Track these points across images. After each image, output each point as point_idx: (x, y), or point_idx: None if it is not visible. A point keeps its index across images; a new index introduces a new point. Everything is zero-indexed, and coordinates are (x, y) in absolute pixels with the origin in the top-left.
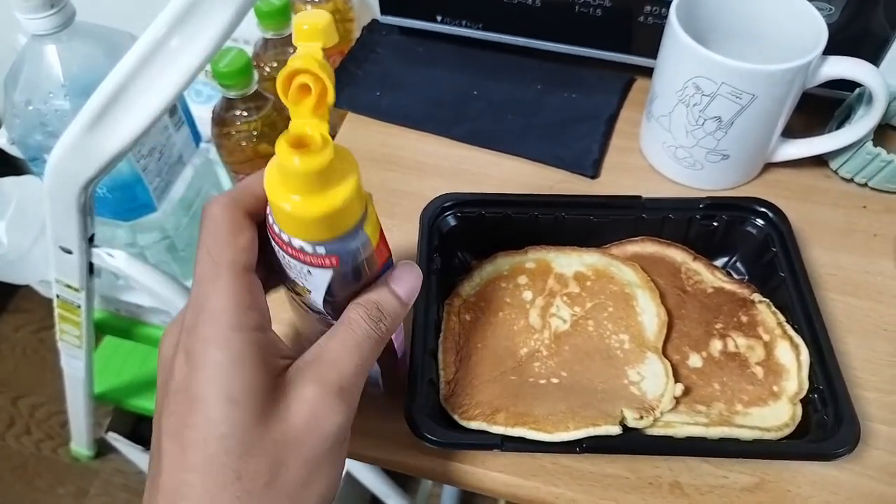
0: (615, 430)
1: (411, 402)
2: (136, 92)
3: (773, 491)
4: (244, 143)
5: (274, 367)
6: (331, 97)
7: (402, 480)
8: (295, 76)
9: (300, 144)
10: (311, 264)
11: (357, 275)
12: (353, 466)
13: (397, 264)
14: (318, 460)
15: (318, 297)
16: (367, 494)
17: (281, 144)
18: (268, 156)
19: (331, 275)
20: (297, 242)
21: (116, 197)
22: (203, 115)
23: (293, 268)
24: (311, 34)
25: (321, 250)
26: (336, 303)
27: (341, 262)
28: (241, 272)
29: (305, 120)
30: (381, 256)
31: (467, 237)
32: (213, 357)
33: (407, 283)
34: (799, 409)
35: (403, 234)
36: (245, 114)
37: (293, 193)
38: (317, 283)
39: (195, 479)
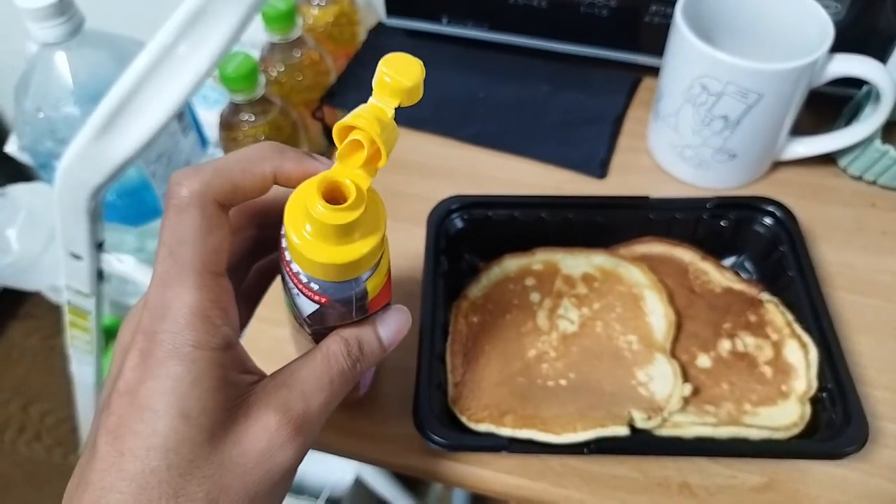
0: (623, 431)
1: (419, 404)
2: (144, 99)
3: (782, 491)
4: None
5: (236, 387)
6: (383, 161)
7: (412, 484)
8: (351, 130)
9: (334, 194)
10: (301, 292)
11: (344, 315)
12: (363, 471)
13: (390, 308)
14: (262, 493)
15: (300, 317)
16: (376, 499)
17: (311, 187)
18: None
19: (317, 307)
20: (295, 267)
21: (125, 203)
22: (210, 119)
23: (286, 280)
24: (393, 91)
25: (314, 286)
26: (315, 329)
27: (331, 302)
28: (211, 280)
29: (349, 170)
30: (378, 303)
31: (474, 239)
32: (171, 370)
33: (393, 328)
34: (808, 409)
35: (410, 236)
36: (252, 118)
37: (308, 229)
38: (302, 307)
39: (127, 489)
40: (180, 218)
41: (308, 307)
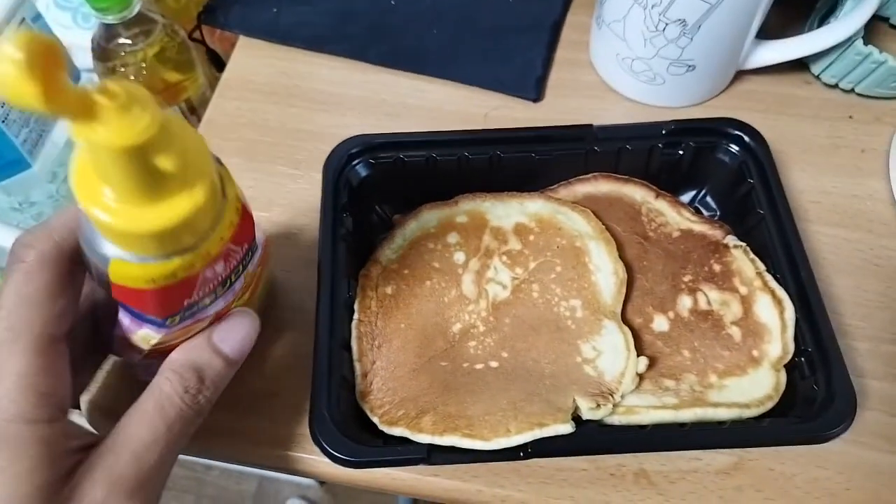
0: (566, 428)
1: (315, 410)
2: None
3: (752, 471)
4: (133, 78)
5: (62, 461)
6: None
7: None
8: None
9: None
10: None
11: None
12: None
13: (230, 314)
14: None
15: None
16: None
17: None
18: (165, 91)
19: None
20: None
21: None
22: (89, 44)
23: None
24: None
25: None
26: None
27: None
28: (48, 345)
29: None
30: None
31: (385, 188)
32: None
33: (236, 338)
34: (783, 377)
35: (311, 186)
36: (130, 42)
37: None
38: None
39: None
40: (27, 279)
41: None
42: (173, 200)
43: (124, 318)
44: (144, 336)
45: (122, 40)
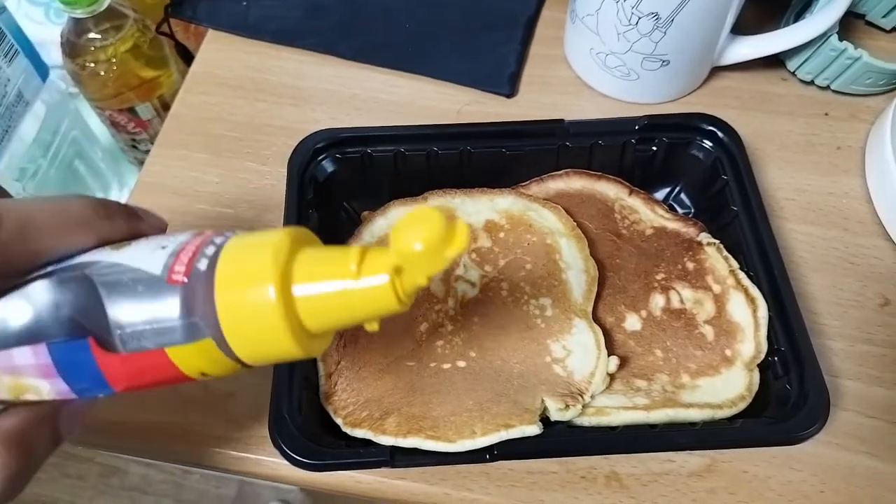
0: (533, 430)
1: (276, 411)
2: None
3: (726, 473)
4: (103, 74)
5: None
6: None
7: None
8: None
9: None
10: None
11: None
12: None
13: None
14: None
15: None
16: None
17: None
18: (139, 87)
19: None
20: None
21: None
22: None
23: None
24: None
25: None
26: None
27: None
28: None
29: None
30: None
31: (353, 184)
32: None
33: (78, 421)
34: (756, 376)
35: (278, 183)
36: (100, 37)
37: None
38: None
39: None
40: None
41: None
42: (325, 338)
43: (27, 359)
44: (27, 386)
45: (91, 35)
